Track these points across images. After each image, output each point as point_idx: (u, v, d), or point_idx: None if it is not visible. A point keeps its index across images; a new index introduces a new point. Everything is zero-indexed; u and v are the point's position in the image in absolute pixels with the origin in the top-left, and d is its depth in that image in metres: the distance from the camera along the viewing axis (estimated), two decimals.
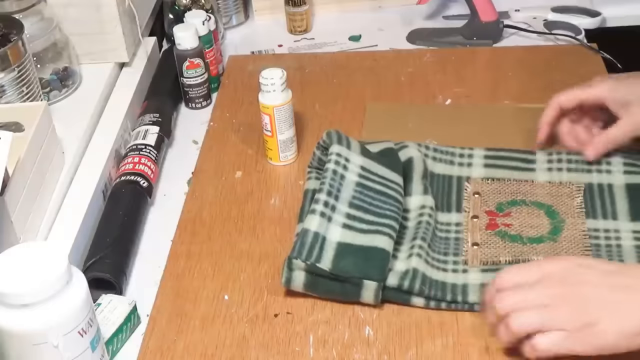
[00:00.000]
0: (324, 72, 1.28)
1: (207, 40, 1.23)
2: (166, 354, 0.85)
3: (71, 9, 1.16)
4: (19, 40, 1.04)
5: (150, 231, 1.02)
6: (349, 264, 0.87)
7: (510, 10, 1.40)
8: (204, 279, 0.93)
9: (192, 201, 1.05)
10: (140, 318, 0.89)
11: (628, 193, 0.98)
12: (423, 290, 0.86)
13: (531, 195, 0.99)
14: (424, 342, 0.84)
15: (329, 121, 1.16)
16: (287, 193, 1.05)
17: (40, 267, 0.72)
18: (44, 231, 0.94)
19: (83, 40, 1.18)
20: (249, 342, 0.85)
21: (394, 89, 1.23)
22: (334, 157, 0.97)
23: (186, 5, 1.32)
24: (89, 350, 0.76)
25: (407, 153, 1.02)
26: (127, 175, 1.03)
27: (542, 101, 1.06)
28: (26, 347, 0.72)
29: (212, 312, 0.89)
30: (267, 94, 1.05)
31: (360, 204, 0.94)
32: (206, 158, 1.12)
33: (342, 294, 0.88)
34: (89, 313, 0.75)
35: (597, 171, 1.01)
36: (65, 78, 1.16)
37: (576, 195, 0.98)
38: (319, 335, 0.86)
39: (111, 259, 0.93)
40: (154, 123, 1.12)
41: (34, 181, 0.93)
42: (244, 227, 1.00)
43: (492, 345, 0.83)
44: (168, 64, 1.25)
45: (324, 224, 0.90)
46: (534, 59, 1.26)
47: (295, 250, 0.87)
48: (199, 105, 1.24)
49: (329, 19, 1.44)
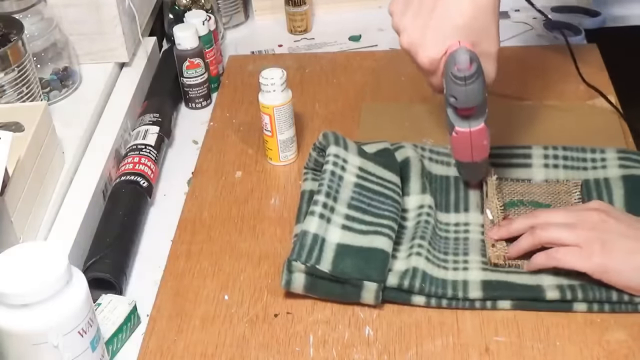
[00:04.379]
0: (324, 72, 1.28)
1: (207, 40, 1.24)
2: (166, 354, 0.85)
3: (71, 9, 1.16)
4: (19, 40, 1.04)
5: (150, 231, 1.02)
6: (348, 266, 0.87)
7: (510, 10, 1.40)
8: (204, 279, 0.93)
9: (192, 201, 1.05)
10: (140, 318, 0.89)
11: (624, 183, 0.98)
12: (423, 288, 0.87)
13: (529, 194, 0.99)
14: (424, 342, 0.84)
15: (329, 121, 1.16)
16: (287, 193, 1.05)
17: (40, 267, 0.72)
18: (44, 231, 0.94)
19: (83, 40, 1.18)
20: (249, 342, 0.85)
21: (394, 89, 1.22)
22: (332, 158, 0.97)
23: (186, 5, 1.32)
24: (89, 350, 0.76)
25: (404, 153, 1.02)
26: (127, 175, 1.04)
27: (541, 101, 1.06)
28: (26, 347, 0.72)
29: (212, 312, 0.89)
30: (267, 94, 1.05)
31: (359, 205, 0.94)
32: (206, 158, 1.12)
33: (342, 296, 0.88)
34: (89, 313, 0.75)
35: (593, 168, 1.01)
36: (65, 78, 1.16)
37: (573, 191, 0.98)
38: (319, 335, 0.86)
39: (111, 259, 0.93)
40: (154, 123, 1.12)
41: (34, 181, 0.93)
42: (244, 227, 1.00)
43: (492, 346, 0.83)
44: (168, 64, 1.25)
45: (323, 226, 0.90)
46: (534, 59, 1.26)
47: (295, 252, 0.87)
48: (199, 105, 1.24)
49: (329, 19, 1.44)
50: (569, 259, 0.85)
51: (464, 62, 0.85)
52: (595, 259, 0.84)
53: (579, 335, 0.84)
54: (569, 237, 0.86)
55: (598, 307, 0.85)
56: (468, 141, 0.91)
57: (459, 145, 0.93)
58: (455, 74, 0.86)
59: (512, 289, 0.87)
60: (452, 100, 0.88)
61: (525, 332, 0.84)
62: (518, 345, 0.83)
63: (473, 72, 0.85)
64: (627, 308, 0.85)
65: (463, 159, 0.95)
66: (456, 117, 0.90)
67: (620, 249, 0.84)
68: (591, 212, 0.88)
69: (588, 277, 0.85)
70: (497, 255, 0.90)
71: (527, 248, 0.89)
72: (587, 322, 0.85)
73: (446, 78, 0.87)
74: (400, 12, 0.90)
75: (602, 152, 1.03)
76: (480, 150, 0.93)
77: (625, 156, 1.02)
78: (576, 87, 1.18)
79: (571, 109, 1.14)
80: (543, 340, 0.83)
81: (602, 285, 0.85)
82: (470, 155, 0.93)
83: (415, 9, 0.88)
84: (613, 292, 0.85)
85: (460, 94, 0.87)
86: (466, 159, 0.94)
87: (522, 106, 1.15)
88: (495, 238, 0.91)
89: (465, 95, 0.87)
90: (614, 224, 0.87)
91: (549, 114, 1.13)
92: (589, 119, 1.12)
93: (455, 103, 0.88)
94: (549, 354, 0.82)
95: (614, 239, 0.85)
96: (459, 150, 0.94)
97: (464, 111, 0.89)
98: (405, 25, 0.89)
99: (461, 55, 0.85)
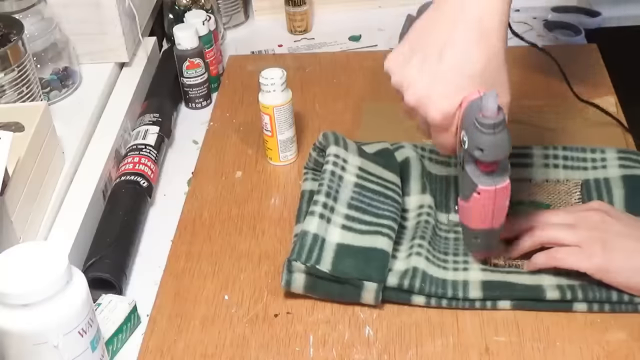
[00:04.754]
0: (324, 72, 1.28)
1: (207, 40, 1.24)
2: (166, 354, 0.85)
3: (71, 9, 1.16)
4: (19, 40, 1.04)
5: (150, 231, 1.02)
6: (348, 266, 0.87)
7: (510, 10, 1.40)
8: (204, 279, 0.93)
9: (192, 201, 1.05)
10: (140, 318, 0.89)
11: (624, 183, 0.98)
12: (423, 288, 0.87)
13: (529, 195, 0.99)
14: (424, 342, 0.84)
15: (329, 121, 1.16)
16: (287, 193, 1.05)
17: (40, 267, 0.72)
18: (44, 231, 0.94)
19: (83, 40, 1.18)
20: (249, 342, 0.85)
21: (394, 89, 1.22)
22: (332, 158, 0.97)
23: (186, 5, 1.32)
24: (89, 350, 0.76)
25: (404, 153, 1.02)
26: (127, 175, 1.04)
27: (541, 100, 1.06)
28: (26, 347, 0.72)
29: (212, 312, 0.89)
30: (267, 94, 1.05)
31: (359, 205, 0.94)
32: (206, 158, 1.12)
33: (342, 296, 0.88)
34: (89, 313, 0.75)
35: (593, 168, 1.01)
36: (65, 78, 1.16)
37: (574, 191, 0.98)
38: (319, 335, 0.86)
39: (111, 259, 0.93)
40: (154, 123, 1.12)
41: (34, 181, 0.93)
42: (244, 227, 1.00)
43: (492, 346, 0.83)
44: (168, 64, 1.25)
45: (323, 226, 0.90)
46: (534, 59, 1.26)
47: (295, 252, 0.87)
48: (199, 105, 1.24)
49: (329, 19, 1.44)
50: (569, 259, 0.85)
51: (492, 108, 0.75)
52: (596, 259, 0.84)
53: (579, 335, 0.84)
54: (570, 237, 0.86)
55: (598, 307, 0.85)
56: (492, 202, 0.81)
57: (478, 209, 0.81)
58: (482, 122, 0.76)
59: (512, 289, 0.87)
60: (478, 153, 0.77)
61: (525, 332, 0.84)
62: (518, 345, 0.83)
63: (502, 119, 0.76)
64: (627, 308, 0.85)
65: (480, 225, 0.83)
66: (479, 174, 0.80)
67: (621, 249, 0.84)
68: (591, 212, 0.88)
69: (588, 277, 0.85)
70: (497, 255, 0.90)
71: (527, 248, 0.89)
72: (587, 322, 0.85)
73: (468, 130, 0.77)
74: (400, 66, 0.82)
75: (602, 152, 1.03)
76: (501, 212, 0.82)
77: (626, 156, 1.02)
78: (576, 87, 1.18)
79: (571, 108, 1.14)
80: (543, 340, 0.83)
81: (602, 285, 0.85)
82: (491, 220, 0.82)
83: (419, 62, 0.80)
84: (613, 292, 0.85)
85: (489, 145, 0.77)
86: (484, 226, 0.83)
87: (522, 106, 1.15)
88: None
89: (495, 145, 0.77)
90: (614, 224, 0.87)
91: (549, 114, 1.13)
92: (589, 118, 1.12)
93: (482, 156, 0.77)
94: (549, 354, 0.82)
95: (614, 239, 0.85)
96: (477, 216, 0.82)
97: (489, 166, 0.79)
98: (410, 81, 0.81)
99: (490, 100, 0.75)
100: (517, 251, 0.89)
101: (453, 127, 0.80)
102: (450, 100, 0.78)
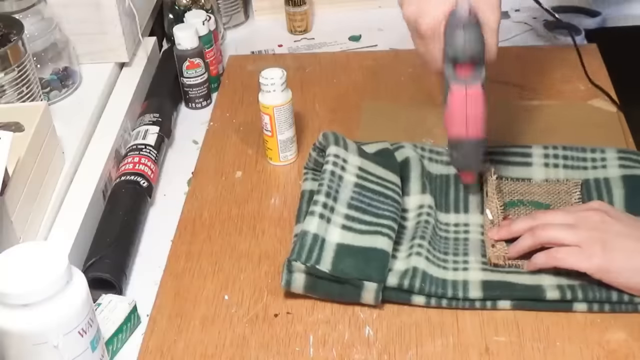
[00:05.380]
0: (324, 72, 1.28)
1: (207, 40, 1.24)
2: (166, 354, 0.85)
3: (71, 9, 1.16)
4: (19, 40, 1.04)
5: (150, 231, 1.02)
6: (348, 266, 0.87)
7: (510, 10, 1.40)
8: (204, 279, 0.93)
9: (192, 201, 1.05)
10: (140, 318, 0.89)
11: (624, 183, 0.98)
12: (423, 288, 0.87)
13: (529, 194, 0.99)
14: (424, 342, 0.84)
15: (329, 121, 1.16)
16: (287, 193, 1.05)
17: (40, 267, 0.72)
18: (44, 231, 0.94)
19: (83, 40, 1.18)
20: (249, 342, 0.85)
21: (394, 89, 1.22)
22: (332, 158, 0.97)
23: (186, 5, 1.32)
24: (89, 350, 0.76)
25: (404, 153, 1.02)
26: (127, 175, 1.04)
27: (541, 100, 1.06)
28: (26, 347, 0.72)
29: (212, 312, 0.89)
30: (267, 94, 1.05)
31: (359, 205, 0.94)
32: (206, 158, 1.12)
33: (342, 296, 0.88)
34: (89, 313, 0.75)
35: (593, 167, 1.01)
36: (65, 78, 1.16)
37: (574, 191, 0.98)
38: (319, 335, 0.86)
39: (111, 259, 0.93)
40: (154, 123, 1.12)
41: (34, 181, 0.93)
42: (244, 227, 1.00)
43: (492, 346, 0.83)
44: (168, 64, 1.25)
45: (323, 226, 0.90)
46: (534, 59, 1.26)
47: (295, 252, 0.87)
48: (199, 105, 1.24)
49: (329, 19, 1.44)
50: (569, 259, 0.85)
51: (463, 9, 0.86)
52: (596, 259, 0.84)
53: (579, 335, 0.84)
54: (570, 237, 0.86)
55: (598, 307, 0.85)
56: (463, 105, 0.90)
57: (453, 112, 0.91)
58: (453, 22, 0.87)
59: (512, 289, 0.87)
60: (450, 51, 0.88)
61: (525, 332, 0.84)
62: (518, 345, 0.83)
63: (472, 19, 0.87)
64: (627, 308, 0.85)
65: (457, 133, 0.92)
66: (455, 77, 0.89)
67: (621, 249, 0.84)
68: (591, 212, 0.88)
69: (588, 277, 0.85)
70: (497, 255, 0.90)
71: (527, 248, 0.89)
72: (587, 322, 0.85)
73: (447, 33, 0.88)
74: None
75: (602, 151, 1.03)
76: (475, 123, 0.91)
77: (626, 156, 1.02)
78: (576, 87, 1.18)
79: (571, 108, 1.14)
80: (543, 340, 0.83)
81: (602, 285, 0.85)
82: (465, 128, 0.91)
83: None
84: (613, 292, 0.85)
85: (458, 42, 0.87)
86: (460, 134, 0.92)
87: (522, 106, 1.15)
88: (496, 238, 0.91)
89: (464, 43, 0.87)
90: (614, 224, 0.87)
91: (549, 114, 1.13)
92: (589, 118, 1.12)
93: (452, 52, 0.88)
94: (549, 354, 0.82)
95: (614, 239, 0.85)
96: (453, 121, 0.91)
97: (463, 69, 0.88)
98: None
99: (462, 3, 0.87)
100: (517, 251, 0.89)
101: (440, 37, 0.89)
102: (437, 11, 0.89)
